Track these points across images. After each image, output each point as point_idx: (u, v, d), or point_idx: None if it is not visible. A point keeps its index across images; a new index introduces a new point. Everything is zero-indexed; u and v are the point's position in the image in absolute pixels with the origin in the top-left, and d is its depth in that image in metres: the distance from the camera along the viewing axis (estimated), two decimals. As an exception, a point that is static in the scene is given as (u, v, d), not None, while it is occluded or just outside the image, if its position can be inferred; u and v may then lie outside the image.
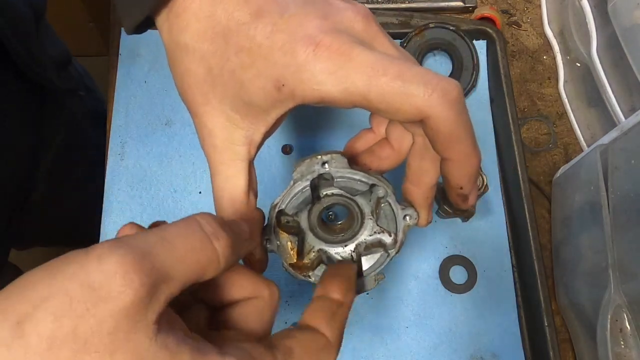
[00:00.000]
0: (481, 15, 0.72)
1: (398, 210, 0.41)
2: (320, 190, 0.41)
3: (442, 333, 0.61)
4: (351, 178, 0.41)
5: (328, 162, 0.40)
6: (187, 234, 0.29)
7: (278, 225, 0.41)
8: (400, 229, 0.41)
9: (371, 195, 0.41)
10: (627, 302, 0.52)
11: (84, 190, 0.87)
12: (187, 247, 0.28)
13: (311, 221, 0.41)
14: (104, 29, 0.73)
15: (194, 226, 0.29)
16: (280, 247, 0.41)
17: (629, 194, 0.52)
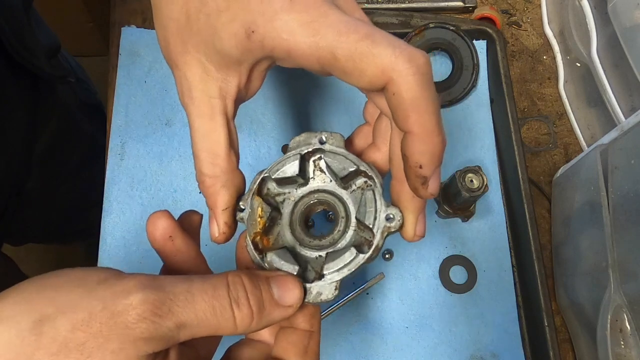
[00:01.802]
0: (481, 15, 0.72)
1: (381, 207, 0.37)
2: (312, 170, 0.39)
3: (442, 333, 0.61)
4: (345, 157, 0.39)
5: (327, 138, 0.39)
6: (212, 294, 0.31)
7: (258, 193, 0.38)
8: (379, 231, 0.37)
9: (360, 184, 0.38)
10: (627, 302, 0.52)
11: (77, 179, 0.87)
12: (207, 307, 0.31)
13: (293, 218, 0.39)
14: (104, 29, 0.73)
15: (221, 288, 0.32)
16: (250, 215, 0.38)
17: (629, 194, 0.52)
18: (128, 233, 0.62)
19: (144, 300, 0.29)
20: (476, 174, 0.59)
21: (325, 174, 0.39)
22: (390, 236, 0.37)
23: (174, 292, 0.30)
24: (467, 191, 0.58)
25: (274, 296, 0.34)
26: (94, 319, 0.28)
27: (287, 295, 0.34)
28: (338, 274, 0.36)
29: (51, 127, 0.78)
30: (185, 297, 0.30)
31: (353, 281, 0.62)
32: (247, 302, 0.32)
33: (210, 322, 0.31)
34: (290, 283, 0.34)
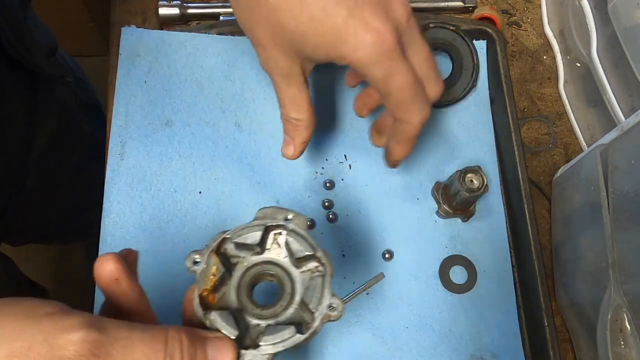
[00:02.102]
0: (481, 15, 0.72)
1: (326, 295, 0.39)
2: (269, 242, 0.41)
3: (442, 333, 0.61)
4: (305, 239, 0.41)
5: (292, 218, 0.41)
6: (150, 345, 0.33)
7: (216, 251, 0.40)
8: (320, 317, 0.39)
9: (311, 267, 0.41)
10: (627, 302, 0.52)
11: (76, 179, 0.87)
12: (142, 356, 0.32)
13: (241, 282, 0.41)
14: (104, 29, 0.73)
15: (159, 342, 0.33)
16: (203, 270, 0.39)
17: (629, 194, 0.52)
18: (128, 233, 0.62)
19: (84, 338, 0.31)
20: (476, 174, 0.59)
21: (282, 248, 0.41)
22: (328, 323, 0.39)
23: (114, 337, 0.32)
24: (467, 191, 0.58)
25: (208, 357, 0.35)
26: (33, 349, 0.30)
27: (221, 358, 0.36)
28: (273, 347, 0.37)
29: (50, 127, 0.78)
30: (125, 343, 0.32)
31: (353, 281, 0.62)
32: (181, 359, 0.34)
33: None
34: (226, 347, 0.36)
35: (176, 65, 0.67)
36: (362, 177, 0.65)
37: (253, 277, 0.41)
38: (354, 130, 0.67)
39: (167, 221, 0.62)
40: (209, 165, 0.65)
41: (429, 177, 0.66)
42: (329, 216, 0.64)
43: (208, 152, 0.65)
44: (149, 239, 0.62)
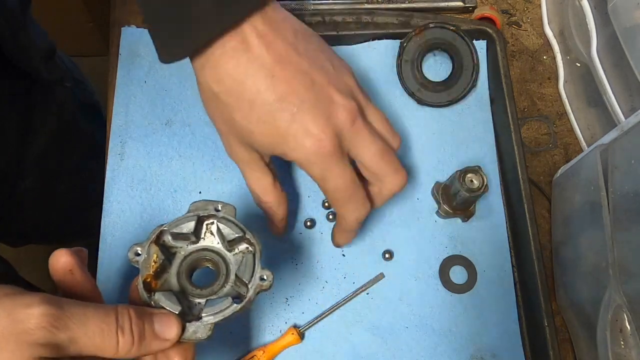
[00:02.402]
0: (481, 15, 0.72)
1: (257, 269, 0.45)
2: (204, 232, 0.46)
3: (442, 333, 0.61)
4: (235, 224, 0.46)
5: (221, 208, 0.47)
6: (102, 318, 0.37)
7: (155, 242, 0.45)
8: (253, 288, 0.44)
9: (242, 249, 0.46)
10: (627, 302, 0.52)
11: (76, 179, 0.87)
12: (96, 328, 0.36)
13: (180, 269, 0.45)
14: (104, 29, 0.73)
15: (110, 315, 0.38)
16: (145, 259, 0.44)
17: (629, 194, 0.52)
18: (128, 233, 0.62)
19: (44, 312, 0.34)
20: (476, 174, 0.59)
21: (215, 236, 0.46)
22: (261, 293, 0.45)
23: (70, 311, 0.36)
24: (467, 191, 0.58)
25: (155, 330, 0.40)
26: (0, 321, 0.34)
27: (166, 330, 0.40)
28: (214, 317, 0.42)
29: (49, 128, 0.78)
30: (80, 317, 0.36)
31: (353, 281, 0.62)
32: (130, 331, 0.38)
33: (97, 342, 0.37)
34: (170, 320, 0.41)
35: (176, 65, 0.67)
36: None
37: (191, 263, 0.46)
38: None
39: (167, 221, 0.62)
40: (209, 165, 0.65)
41: (429, 177, 0.66)
42: (328, 216, 0.64)
43: (208, 152, 0.65)
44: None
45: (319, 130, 0.45)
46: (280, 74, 0.45)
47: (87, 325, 0.36)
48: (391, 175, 0.51)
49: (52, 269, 0.41)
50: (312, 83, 0.46)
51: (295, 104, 0.45)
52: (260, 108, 0.45)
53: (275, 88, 0.45)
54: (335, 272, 0.62)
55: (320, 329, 0.61)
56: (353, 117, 0.47)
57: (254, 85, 0.45)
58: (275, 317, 0.61)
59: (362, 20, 0.70)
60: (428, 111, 0.68)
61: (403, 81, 0.68)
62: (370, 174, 0.50)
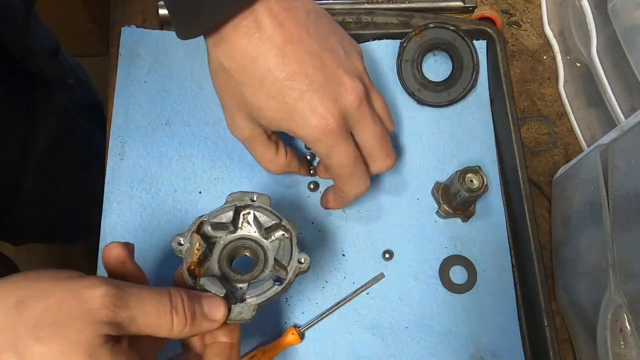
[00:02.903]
0: (481, 15, 0.72)
1: (295, 252, 0.47)
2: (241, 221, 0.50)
3: (442, 333, 0.61)
4: (271, 212, 0.49)
5: (257, 198, 0.50)
6: (157, 299, 0.39)
7: (197, 231, 0.47)
8: (292, 270, 0.47)
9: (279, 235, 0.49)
10: (627, 302, 0.52)
11: (76, 180, 0.87)
12: (153, 308, 0.39)
13: (220, 257, 0.48)
14: (104, 29, 0.73)
15: (164, 296, 0.40)
16: (187, 249, 0.47)
17: (629, 194, 0.52)
18: (128, 233, 0.62)
19: (105, 292, 0.37)
20: (476, 174, 0.59)
21: (251, 225, 0.50)
22: (300, 275, 0.48)
23: (129, 292, 0.38)
24: (467, 191, 0.58)
25: (204, 311, 0.42)
26: (65, 303, 0.36)
27: (214, 311, 0.43)
28: (257, 299, 0.45)
29: (50, 127, 0.78)
30: (137, 297, 0.38)
31: (353, 281, 0.62)
32: (183, 311, 0.40)
33: (153, 321, 0.39)
34: (217, 302, 0.43)
35: (176, 65, 0.67)
36: (362, 177, 0.65)
37: (230, 251, 0.49)
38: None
39: (167, 221, 0.62)
40: (209, 165, 0.65)
41: (429, 177, 0.66)
42: (309, 185, 0.65)
43: (208, 152, 0.65)
44: (149, 239, 0.62)
45: (326, 109, 0.47)
46: (291, 54, 0.46)
47: (144, 305, 0.38)
48: (383, 157, 0.53)
49: (106, 260, 0.43)
50: (321, 64, 0.48)
51: (304, 83, 0.47)
52: (270, 85, 0.47)
53: (286, 67, 0.46)
54: (335, 272, 0.63)
55: (320, 329, 0.61)
56: (360, 100, 0.49)
57: (265, 63, 0.46)
58: (275, 317, 0.61)
59: (362, 20, 0.70)
60: (428, 111, 0.68)
61: (403, 81, 0.68)
62: (366, 153, 0.53)
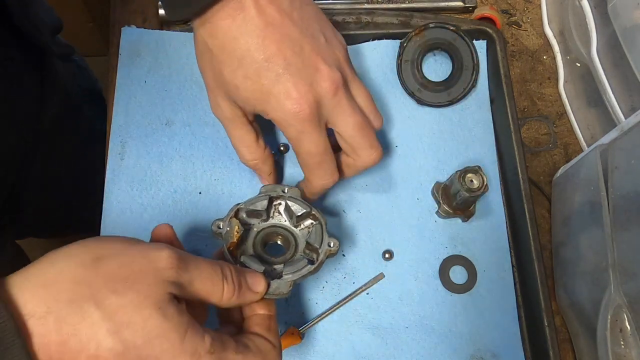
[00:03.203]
0: (481, 15, 0.72)
1: (325, 237, 0.52)
2: (273, 209, 0.54)
3: (442, 333, 0.61)
4: (302, 202, 0.54)
5: (287, 190, 0.54)
6: (212, 268, 0.43)
7: (235, 216, 0.52)
8: (323, 252, 0.52)
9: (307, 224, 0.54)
10: (627, 302, 0.52)
11: (77, 164, 0.87)
12: (207, 275, 0.43)
13: (255, 242, 0.53)
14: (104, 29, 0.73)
15: (217, 267, 0.44)
16: (227, 232, 0.51)
17: (629, 194, 0.52)
18: (128, 233, 0.61)
19: (170, 255, 0.40)
20: (476, 174, 0.59)
21: (282, 215, 0.55)
22: (330, 258, 0.53)
23: (189, 258, 0.42)
24: (467, 191, 0.58)
25: (248, 283, 0.46)
26: (135, 261, 0.39)
27: (256, 284, 0.47)
28: (292, 275, 0.50)
29: (56, 107, 0.77)
30: (195, 263, 0.42)
31: (353, 281, 0.62)
32: (232, 281, 0.44)
33: (208, 287, 0.42)
34: (259, 276, 0.47)
35: (176, 65, 0.67)
36: (361, 176, 0.65)
37: (264, 237, 0.54)
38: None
39: (167, 221, 0.62)
40: (209, 166, 0.65)
41: (429, 177, 0.66)
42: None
43: (208, 152, 0.65)
44: (149, 239, 0.62)
45: (300, 94, 0.48)
46: (271, 36, 0.48)
47: (201, 271, 0.42)
48: (366, 149, 0.53)
49: (156, 239, 0.47)
50: (300, 49, 0.49)
51: (281, 66, 0.48)
52: (248, 65, 0.48)
53: (265, 48, 0.48)
54: (335, 272, 0.63)
55: (320, 329, 0.61)
56: (335, 87, 0.50)
57: (245, 43, 0.48)
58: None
59: (362, 20, 0.70)
60: (428, 111, 0.68)
61: (403, 81, 0.68)
62: (347, 145, 0.53)
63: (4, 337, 0.34)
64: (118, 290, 0.38)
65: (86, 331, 0.37)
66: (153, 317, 0.38)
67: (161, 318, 0.38)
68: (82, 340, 0.37)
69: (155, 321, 0.38)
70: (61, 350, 0.36)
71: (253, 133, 0.55)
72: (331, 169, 0.54)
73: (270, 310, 0.48)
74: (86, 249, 0.40)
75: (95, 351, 0.37)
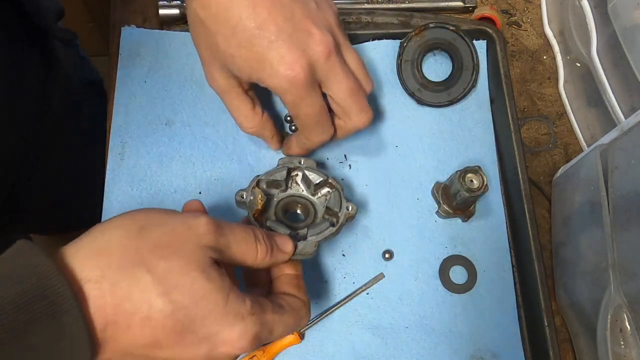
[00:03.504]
0: (481, 15, 0.72)
1: (343, 202, 0.56)
2: (291, 180, 0.58)
3: (442, 333, 0.61)
4: (319, 171, 0.57)
5: (304, 162, 0.58)
6: (245, 231, 0.45)
7: (257, 185, 0.55)
8: (342, 215, 0.56)
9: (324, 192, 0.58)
10: (627, 302, 0.52)
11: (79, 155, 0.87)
12: (242, 238, 0.45)
13: (276, 211, 0.56)
14: (104, 29, 0.73)
15: (250, 231, 0.46)
16: (250, 201, 0.54)
17: (629, 194, 0.52)
18: (128, 233, 0.62)
19: (208, 222, 0.42)
20: (476, 174, 0.59)
21: (300, 185, 0.58)
22: (348, 221, 0.56)
23: (224, 223, 0.44)
24: (467, 191, 0.58)
25: (277, 244, 0.48)
26: (177, 229, 0.41)
27: (285, 245, 0.49)
28: (316, 237, 0.53)
29: (54, 107, 0.77)
30: (230, 228, 0.44)
31: (353, 281, 0.62)
32: (264, 242, 0.46)
33: (243, 249, 0.44)
34: (286, 237, 0.50)
35: (176, 65, 0.67)
36: (362, 177, 0.65)
37: (284, 206, 0.57)
38: (354, 130, 0.67)
39: None
40: (209, 166, 0.65)
41: (429, 177, 0.66)
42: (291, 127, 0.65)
43: (208, 152, 0.65)
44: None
45: (294, 59, 0.49)
46: (261, 3, 0.48)
47: (235, 234, 0.44)
48: (357, 112, 0.55)
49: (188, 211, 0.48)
50: (291, 15, 0.49)
51: (273, 33, 0.49)
52: (241, 34, 0.49)
53: (256, 16, 0.48)
54: (335, 272, 0.63)
55: (320, 329, 0.61)
56: (328, 52, 0.50)
57: (236, 12, 0.48)
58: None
59: (362, 20, 0.70)
60: (428, 111, 0.68)
61: (403, 81, 0.68)
62: (339, 107, 0.54)
63: (62, 302, 0.36)
64: (165, 255, 0.40)
65: (139, 294, 0.39)
66: (198, 280, 0.40)
67: (205, 280, 0.40)
68: (135, 303, 0.38)
69: (200, 283, 0.40)
70: (116, 312, 0.38)
71: (249, 102, 0.56)
72: (328, 125, 0.56)
73: (297, 270, 0.51)
74: (132, 219, 0.42)
75: (148, 312, 0.39)
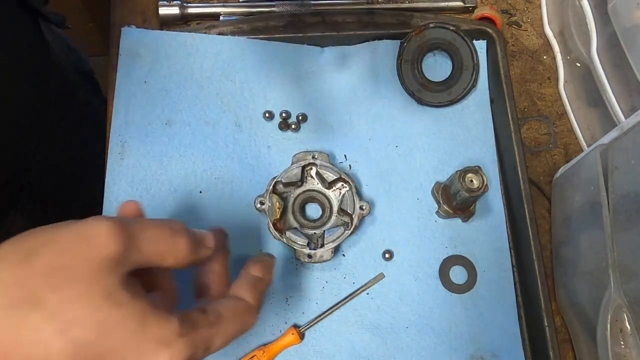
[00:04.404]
0: (481, 15, 0.72)
1: (356, 201, 0.59)
2: (305, 177, 0.61)
3: (442, 333, 0.61)
4: (332, 168, 0.60)
5: (318, 156, 0.61)
6: (159, 227, 0.38)
7: (273, 191, 0.57)
8: (356, 215, 0.58)
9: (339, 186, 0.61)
10: (627, 302, 0.52)
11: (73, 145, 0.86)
12: (155, 235, 0.37)
13: (294, 207, 0.60)
14: (104, 29, 0.73)
15: (165, 225, 0.39)
16: (269, 208, 0.57)
17: (629, 194, 0.52)
18: (128, 233, 0.62)
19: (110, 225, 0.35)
20: (476, 174, 0.59)
21: (314, 179, 0.61)
22: (362, 219, 0.60)
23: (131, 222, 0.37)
24: (467, 191, 0.58)
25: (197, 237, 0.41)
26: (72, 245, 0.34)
27: (206, 238, 0.42)
28: (333, 243, 0.58)
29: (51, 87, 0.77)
30: (140, 225, 0.37)
31: (353, 281, 0.62)
32: (185, 234, 0.39)
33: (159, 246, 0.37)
34: (207, 233, 0.43)
35: (176, 65, 0.67)
36: (362, 177, 0.65)
37: (301, 202, 0.61)
38: (354, 131, 0.67)
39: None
40: (209, 165, 0.65)
41: (429, 177, 0.66)
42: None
43: (208, 152, 0.65)
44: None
45: None
46: None
47: (146, 232, 0.37)
48: None
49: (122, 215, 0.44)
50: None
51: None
52: None
53: None
54: (335, 272, 0.63)
55: (320, 329, 0.61)
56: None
57: None
58: (275, 317, 0.61)
59: (362, 20, 0.70)
60: (428, 111, 0.68)
61: (403, 81, 0.68)
62: None
63: None
64: (57, 284, 0.33)
65: (30, 337, 0.33)
66: (103, 307, 0.34)
67: (111, 306, 0.34)
68: (28, 347, 0.33)
69: (105, 311, 0.34)
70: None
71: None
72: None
73: (265, 274, 0.45)
74: (15, 246, 0.35)
75: (46, 356, 0.33)
